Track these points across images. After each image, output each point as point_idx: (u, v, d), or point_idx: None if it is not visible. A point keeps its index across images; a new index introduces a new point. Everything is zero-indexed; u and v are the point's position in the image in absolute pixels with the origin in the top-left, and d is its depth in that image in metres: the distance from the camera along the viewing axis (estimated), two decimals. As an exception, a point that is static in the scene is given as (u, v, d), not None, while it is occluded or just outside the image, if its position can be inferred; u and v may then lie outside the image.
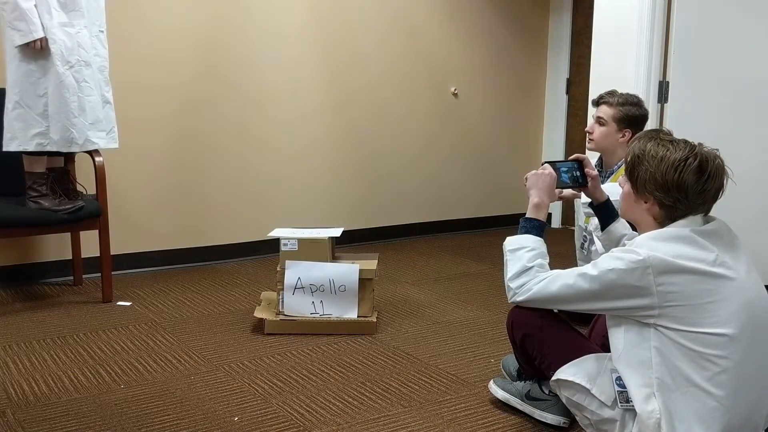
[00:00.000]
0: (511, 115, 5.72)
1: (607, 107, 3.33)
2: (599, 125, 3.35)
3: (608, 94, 3.37)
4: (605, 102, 3.35)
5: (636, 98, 3.35)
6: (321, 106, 4.86)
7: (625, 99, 3.32)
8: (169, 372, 2.87)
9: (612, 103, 3.33)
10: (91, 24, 3.54)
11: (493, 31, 5.51)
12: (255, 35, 4.56)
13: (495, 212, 5.69)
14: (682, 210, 1.99)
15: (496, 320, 3.51)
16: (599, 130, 3.34)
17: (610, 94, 3.36)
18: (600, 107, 3.37)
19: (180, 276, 4.27)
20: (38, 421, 2.43)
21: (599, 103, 3.38)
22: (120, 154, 4.18)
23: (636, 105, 3.33)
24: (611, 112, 3.32)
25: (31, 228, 3.56)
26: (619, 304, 2.00)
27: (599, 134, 3.34)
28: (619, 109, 3.31)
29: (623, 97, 3.32)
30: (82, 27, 3.49)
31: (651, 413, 1.97)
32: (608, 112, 3.32)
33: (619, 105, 3.31)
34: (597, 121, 3.36)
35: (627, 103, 3.31)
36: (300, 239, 3.31)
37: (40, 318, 3.49)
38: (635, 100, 3.34)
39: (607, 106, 3.34)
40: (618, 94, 3.34)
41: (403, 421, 2.47)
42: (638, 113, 3.32)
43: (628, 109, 3.30)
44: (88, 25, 3.52)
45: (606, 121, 3.32)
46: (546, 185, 2.35)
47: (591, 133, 3.38)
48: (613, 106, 3.32)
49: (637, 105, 3.33)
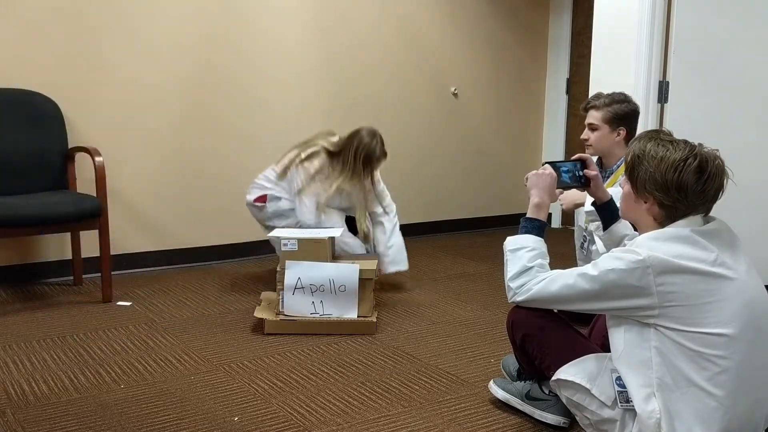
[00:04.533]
0: (511, 115, 5.72)
1: (595, 111, 3.34)
2: (592, 131, 3.35)
3: (594, 98, 3.38)
4: (592, 106, 3.36)
5: (622, 95, 3.35)
6: (323, 108, 4.85)
7: (611, 98, 3.32)
8: (169, 372, 2.87)
9: (599, 105, 3.33)
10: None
11: (493, 32, 5.51)
12: (259, 42, 4.56)
13: (495, 212, 5.69)
14: (682, 210, 1.99)
15: (496, 320, 3.51)
16: (593, 135, 3.35)
17: (596, 98, 3.37)
18: (589, 113, 3.37)
19: (180, 276, 4.27)
20: (38, 421, 2.43)
21: (587, 109, 3.38)
22: (120, 154, 4.19)
23: (623, 102, 3.33)
24: (600, 115, 3.32)
25: (31, 228, 3.56)
26: (619, 304, 2.00)
27: (594, 139, 3.34)
28: (606, 110, 3.31)
29: (609, 97, 3.33)
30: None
31: (651, 413, 1.97)
32: (597, 115, 3.33)
33: (606, 106, 3.32)
34: (589, 127, 3.36)
35: (614, 102, 3.32)
36: (300, 239, 3.31)
37: (40, 318, 3.49)
38: (621, 97, 3.34)
39: (594, 110, 3.35)
40: (603, 96, 3.35)
41: (403, 421, 2.47)
42: (627, 109, 3.33)
43: (616, 107, 3.31)
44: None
45: (597, 125, 3.33)
46: (546, 185, 2.35)
47: (587, 140, 3.38)
48: (600, 108, 3.32)
49: (625, 101, 3.33)
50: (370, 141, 3.74)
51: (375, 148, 3.75)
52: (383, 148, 3.79)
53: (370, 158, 3.75)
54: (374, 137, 3.76)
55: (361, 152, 3.72)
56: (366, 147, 3.73)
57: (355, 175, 3.75)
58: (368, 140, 3.74)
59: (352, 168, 3.74)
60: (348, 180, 3.75)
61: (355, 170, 3.74)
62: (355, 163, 3.73)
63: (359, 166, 3.74)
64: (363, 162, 3.74)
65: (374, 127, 3.83)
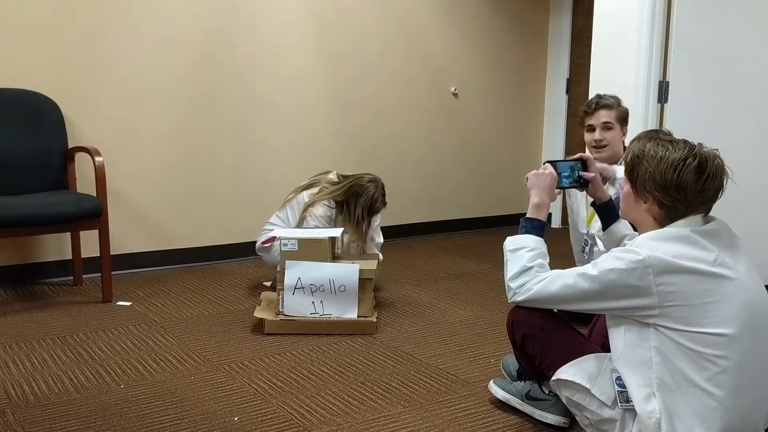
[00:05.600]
0: (511, 115, 5.72)
1: (607, 110, 3.33)
2: (607, 130, 3.32)
3: (600, 98, 3.37)
4: (604, 106, 3.33)
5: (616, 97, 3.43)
6: (324, 109, 4.86)
7: (617, 99, 3.37)
8: (169, 372, 2.87)
9: (611, 105, 3.34)
10: None
11: (493, 32, 5.51)
12: (259, 42, 4.56)
13: (495, 212, 5.69)
14: (682, 210, 1.99)
15: (496, 320, 3.51)
16: (610, 134, 3.31)
17: (601, 98, 3.36)
18: (598, 113, 3.33)
19: (180, 276, 4.27)
20: (38, 421, 2.43)
21: (597, 109, 3.35)
22: (120, 153, 4.19)
23: (621, 103, 3.40)
24: (614, 114, 3.32)
25: (31, 228, 3.56)
26: (619, 304, 2.00)
27: (611, 138, 3.30)
28: (618, 109, 3.33)
29: (614, 98, 3.38)
30: None
31: (651, 413, 1.97)
32: (611, 114, 3.32)
33: (617, 106, 3.34)
34: (603, 126, 3.33)
35: (619, 102, 3.38)
36: (300, 239, 3.31)
37: (40, 318, 3.49)
38: (620, 99, 3.40)
39: (606, 109, 3.33)
40: (608, 96, 3.36)
41: (403, 421, 2.47)
42: (627, 110, 3.39)
43: (623, 108, 3.38)
44: None
45: (613, 124, 3.32)
46: (546, 185, 2.35)
47: (601, 141, 3.32)
48: (613, 108, 3.33)
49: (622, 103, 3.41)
50: (374, 192, 3.86)
51: (378, 199, 3.88)
52: (384, 199, 3.93)
53: (373, 209, 3.88)
54: (377, 188, 3.88)
55: (366, 204, 3.84)
56: (370, 199, 3.85)
57: (359, 225, 3.87)
58: (372, 191, 3.86)
59: (356, 219, 3.85)
60: (352, 229, 3.86)
61: (360, 221, 3.86)
62: (361, 213, 3.85)
63: (363, 216, 3.86)
64: (367, 212, 3.87)
65: (376, 175, 3.94)
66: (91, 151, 3.80)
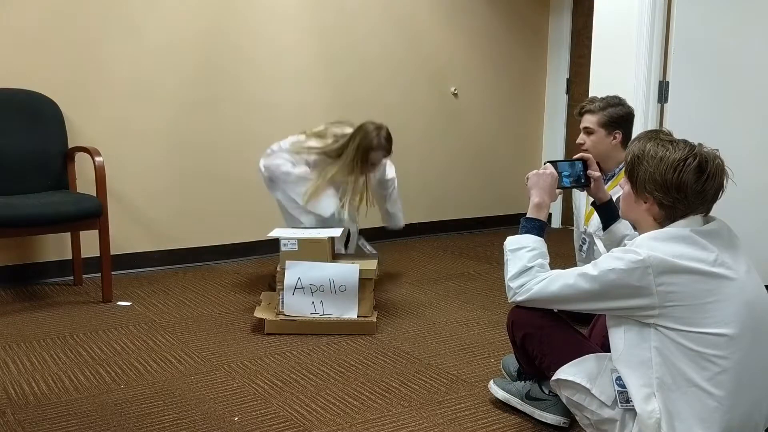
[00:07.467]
0: (511, 115, 5.72)
1: (590, 115, 3.33)
2: (587, 135, 3.34)
3: (588, 102, 3.37)
4: (587, 111, 3.35)
5: (617, 98, 3.35)
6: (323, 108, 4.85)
7: (606, 102, 3.32)
8: (169, 372, 2.87)
9: (594, 109, 3.32)
10: None
11: (493, 32, 5.51)
12: (259, 42, 4.56)
13: (495, 212, 5.69)
14: (682, 210, 1.99)
15: (496, 320, 3.51)
16: (589, 139, 3.33)
17: (590, 102, 3.36)
18: (584, 117, 3.35)
19: (180, 276, 4.27)
20: (38, 421, 2.43)
21: (582, 113, 3.37)
22: (120, 154, 4.19)
23: (618, 105, 3.32)
24: (595, 119, 3.31)
25: (31, 228, 3.56)
26: (619, 304, 2.00)
27: (590, 143, 3.32)
28: (602, 113, 3.30)
29: (604, 100, 3.32)
30: None
31: (651, 413, 1.97)
32: (592, 119, 3.32)
33: (601, 110, 3.31)
34: (584, 131, 3.35)
35: (608, 105, 3.31)
36: (300, 239, 3.31)
37: (40, 318, 3.49)
38: (616, 101, 3.33)
39: (589, 114, 3.34)
40: (598, 99, 3.34)
41: (403, 421, 2.47)
42: (622, 112, 3.32)
43: (611, 111, 3.30)
44: None
45: (593, 129, 3.32)
46: (547, 185, 2.35)
47: (583, 145, 3.36)
48: (595, 112, 3.32)
49: (620, 104, 3.33)
50: (373, 131, 3.62)
51: (373, 140, 3.62)
52: (382, 141, 3.65)
53: (368, 150, 3.63)
54: (379, 131, 3.64)
55: (362, 141, 3.61)
56: (367, 136, 3.62)
57: (353, 167, 3.65)
58: (371, 130, 3.63)
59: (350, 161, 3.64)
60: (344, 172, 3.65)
61: (353, 163, 3.63)
62: (355, 151, 3.62)
63: (357, 158, 3.63)
64: (362, 155, 3.63)
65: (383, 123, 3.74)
66: (91, 151, 3.80)
